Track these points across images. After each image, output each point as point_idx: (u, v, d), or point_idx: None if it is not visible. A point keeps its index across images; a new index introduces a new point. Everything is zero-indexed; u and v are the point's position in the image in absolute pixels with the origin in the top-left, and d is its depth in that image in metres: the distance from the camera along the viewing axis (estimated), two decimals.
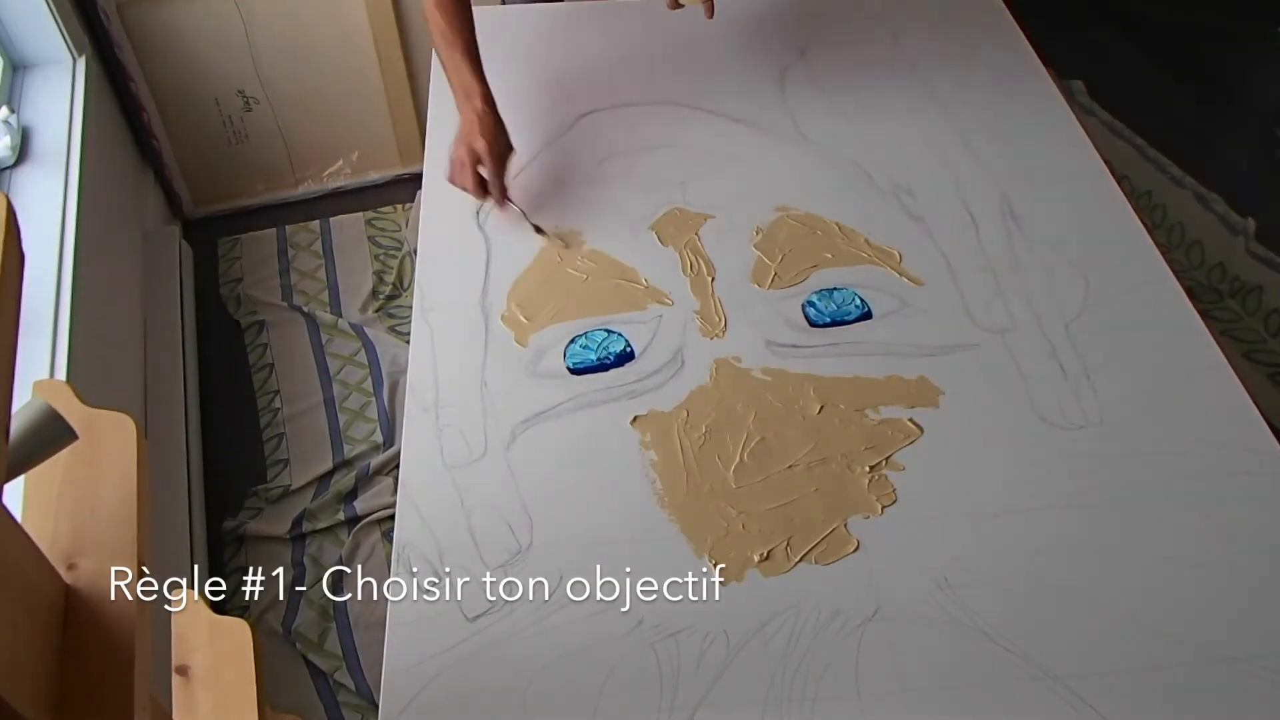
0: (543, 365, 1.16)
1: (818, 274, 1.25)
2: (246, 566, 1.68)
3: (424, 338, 1.19)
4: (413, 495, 1.05)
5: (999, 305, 1.21)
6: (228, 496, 1.77)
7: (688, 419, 1.11)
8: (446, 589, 0.98)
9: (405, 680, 0.92)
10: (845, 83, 1.52)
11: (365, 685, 1.53)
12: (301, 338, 2.01)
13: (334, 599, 1.62)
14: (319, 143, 2.27)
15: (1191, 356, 1.16)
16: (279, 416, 1.89)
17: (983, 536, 1.01)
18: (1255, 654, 0.92)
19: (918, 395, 1.12)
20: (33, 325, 1.30)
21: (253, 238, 2.23)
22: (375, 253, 2.18)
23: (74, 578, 0.63)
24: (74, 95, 1.68)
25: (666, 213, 1.32)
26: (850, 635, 0.94)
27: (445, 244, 1.30)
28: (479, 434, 1.10)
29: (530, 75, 1.54)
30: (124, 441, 0.69)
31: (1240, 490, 1.03)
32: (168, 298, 1.94)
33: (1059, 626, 0.94)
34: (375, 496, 1.74)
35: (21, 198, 1.48)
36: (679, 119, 1.46)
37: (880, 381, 1.13)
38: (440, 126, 1.45)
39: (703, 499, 1.04)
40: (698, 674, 0.92)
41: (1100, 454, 1.07)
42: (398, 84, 2.20)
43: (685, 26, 1.62)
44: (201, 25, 2.02)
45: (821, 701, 0.89)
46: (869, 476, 1.05)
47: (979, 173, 1.37)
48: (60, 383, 0.75)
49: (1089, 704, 0.89)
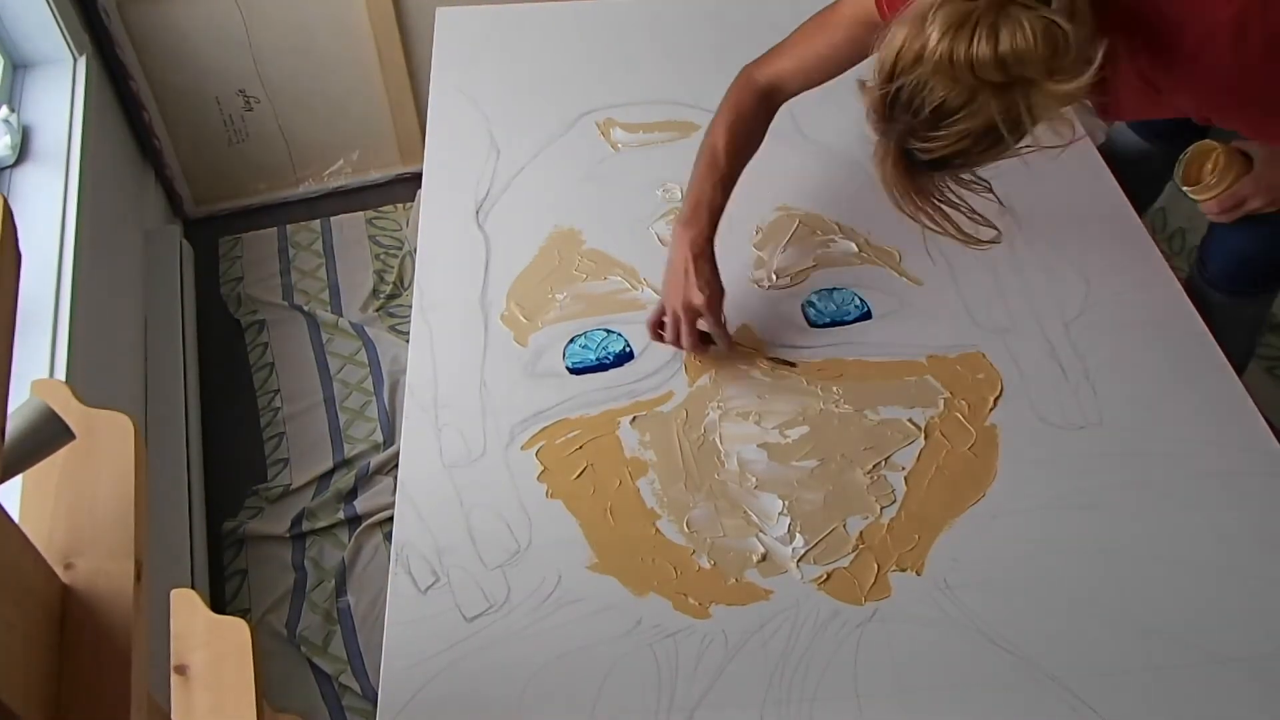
0: (542, 365, 1.16)
1: (818, 274, 1.24)
2: (247, 569, 1.68)
3: (423, 337, 1.19)
4: (411, 495, 1.05)
5: (999, 305, 1.21)
6: (228, 496, 1.77)
7: (687, 419, 1.11)
8: (445, 589, 0.98)
9: (404, 680, 0.92)
10: (845, 82, 1.51)
11: (370, 688, 1.53)
12: (302, 337, 2.01)
13: (337, 602, 1.62)
14: (320, 142, 2.27)
15: (1191, 356, 1.15)
16: (279, 415, 1.89)
17: (983, 536, 1.00)
18: (1255, 654, 0.92)
19: (917, 396, 1.12)
20: (32, 324, 1.30)
21: (253, 237, 2.23)
22: (376, 252, 2.18)
23: (71, 577, 0.63)
24: (74, 94, 1.68)
25: (666, 212, 1.32)
26: (849, 636, 0.94)
27: (445, 244, 1.30)
28: (478, 434, 1.10)
29: (530, 75, 1.54)
30: (122, 441, 0.69)
31: (1240, 490, 1.03)
32: (168, 297, 1.94)
33: (1059, 626, 0.94)
34: (375, 496, 1.74)
35: (21, 197, 1.48)
36: (679, 119, 1.46)
37: (880, 382, 1.13)
38: (441, 126, 1.45)
39: (699, 501, 1.04)
40: (696, 674, 0.91)
41: (1100, 454, 1.07)
42: (398, 83, 2.20)
43: (685, 26, 1.62)
44: (202, 24, 2.02)
45: (820, 702, 0.89)
46: (869, 476, 1.05)
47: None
48: (58, 382, 0.75)
49: (1088, 704, 0.89)
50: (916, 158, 0.88)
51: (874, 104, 0.87)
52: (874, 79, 0.86)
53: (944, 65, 0.79)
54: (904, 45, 0.82)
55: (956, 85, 0.80)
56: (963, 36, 0.78)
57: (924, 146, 0.85)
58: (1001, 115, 0.81)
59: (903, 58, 0.82)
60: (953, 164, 0.88)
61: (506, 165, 1.39)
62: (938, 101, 0.81)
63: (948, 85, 0.80)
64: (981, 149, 0.85)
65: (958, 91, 0.80)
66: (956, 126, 0.82)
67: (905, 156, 0.89)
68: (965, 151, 0.85)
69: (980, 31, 0.77)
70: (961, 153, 0.85)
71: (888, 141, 0.89)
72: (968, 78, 0.79)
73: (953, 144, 0.84)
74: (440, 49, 1.58)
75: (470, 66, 1.55)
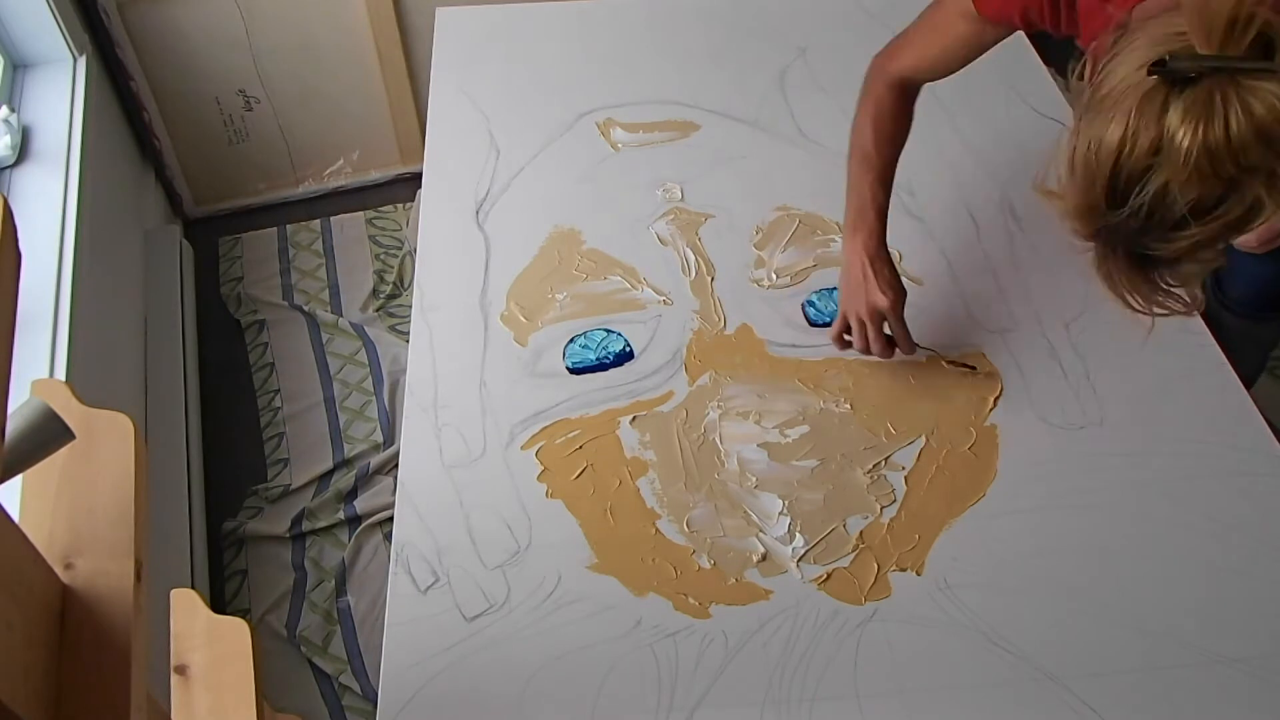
0: (542, 365, 1.16)
1: (818, 274, 1.24)
2: (247, 569, 1.68)
3: (423, 337, 1.19)
4: (411, 495, 1.05)
5: (999, 305, 1.21)
6: (228, 496, 1.77)
7: (687, 419, 1.11)
8: (445, 589, 0.98)
9: (403, 680, 0.92)
10: (845, 82, 1.51)
11: (370, 688, 1.53)
12: (302, 337, 2.01)
13: (337, 602, 1.62)
14: (320, 142, 2.27)
15: (1191, 356, 1.15)
16: (279, 415, 1.89)
17: (983, 536, 1.00)
18: (1255, 654, 0.92)
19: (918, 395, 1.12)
20: (32, 324, 1.30)
21: (253, 237, 2.22)
22: (376, 252, 2.18)
23: (71, 577, 0.63)
24: (74, 94, 1.68)
25: (666, 212, 1.32)
26: (849, 636, 0.94)
27: (445, 244, 1.30)
28: (478, 433, 1.10)
29: (530, 75, 1.54)
30: (122, 441, 0.69)
31: (1240, 490, 1.03)
32: (168, 297, 1.94)
33: (1059, 626, 0.94)
34: (375, 496, 1.74)
35: (21, 197, 1.48)
36: (679, 119, 1.46)
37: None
38: (441, 126, 1.45)
39: (698, 500, 1.04)
40: (696, 674, 0.91)
41: (1100, 454, 1.07)
42: (398, 83, 2.20)
43: (685, 26, 1.62)
44: (202, 24, 2.02)
45: (820, 702, 0.89)
46: (869, 476, 1.05)
47: (980, 172, 1.37)
48: (58, 382, 0.75)
49: (1088, 704, 0.89)
50: (1154, 257, 0.75)
51: (1083, 214, 0.75)
52: (1076, 187, 0.75)
53: (1200, 164, 0.68)
54: (1124, 149, 0.70)
55: (1214, 180, 0.69)
56: (1215, 125, 0.67)
57: (1169, 248, 0.73)
58: (1268, 191, 0.69)
59: (1128, 166, 0.71)
60: (1202, 252, 0.75)
61: (506, 165, 1.39)
62: (1190, 201, 0.70)
63: (1203, 183, 0.69)
64: (1240, 229, 0.73)
65: (1214, 186, 0.69)
66: (1216, 222, 0.71)
67: (1137, 258, 0.77)
68: (1222, 236, 0.73)
69: (1232, 114, 0.67)
70: (1218, 238, 0.73)
71: (1111, 249, 0.77)
72: (1229, 169, 0.68)
73: (1208, 237, 0.72)
74: (440, 49, 1.58)
75: (470, 66, 1.55)
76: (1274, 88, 0.67)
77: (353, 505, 1.73)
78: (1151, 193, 0.70)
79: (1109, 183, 0.72)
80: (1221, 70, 0.67)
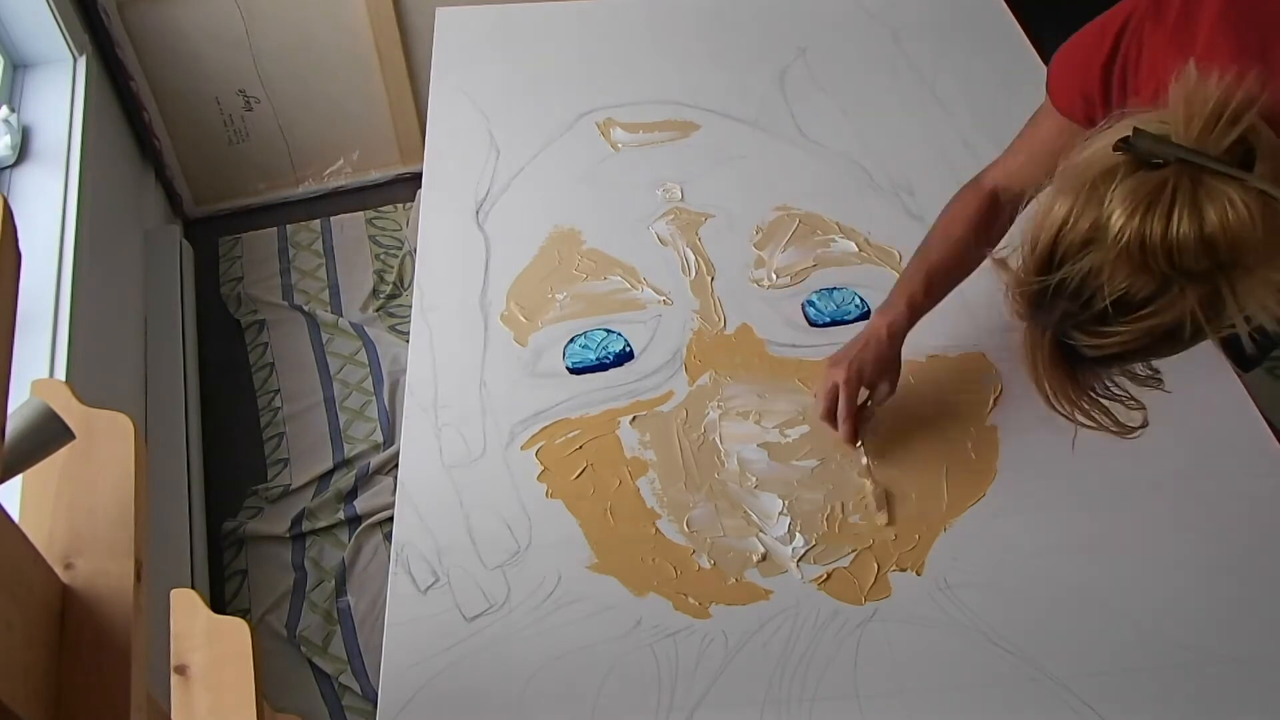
0: (542, 365, 1.16)
1: (818, 274, 1.24)
2: (247, 569, 1.68)
3: (423, 337, 1.19)
4: (411, 495, 1.05)
5: (999, 305, 1.21)
6: (228, 496, 1.77)
7: (687, 418, 1.11)
8: (445, 589, 0.98)
9: (403, 680, 0.92)
10: (845, 82, 1.51)
11: (370, 688, 1.53)
12: (302, 337, 2.01)
13: (337, 602, 1.62)
14: (320, 142, 2.27)
15: (1192, 356, 1.15)
16: (279, 415, 1.89)
17: (983, 536, 1.00)
18: (1255, 654, 0.92)
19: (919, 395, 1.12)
20: (32, 324, 1.30)
21: (253, 237, 2.23)
22: (376, 252, 2.18)
23: (71, 577, 0.63)
24: (74, 94, 1.68)
25: (666, 212, 1.32)
26: (849, 636, 0.94)
27: (445, 244, 1.30)
28: (478, 434, 1.10)
29: (530, 75, 1.54)
30: (122, 441, 0.69)
31: (1240, 490, 1.03)
32: (168, 297, 1.94)
33: (1058, 626, 0.94)
34: (375, 496, 1.74)
35: (21, 197, 1.48)
36: (679, 119, 1.46)
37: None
38: (441, 126, 1.45)
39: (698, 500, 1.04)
40: (696, 674, 0.91)
41: (1100, 454, 1.07)
42: (398, 83, 2.20)
43: (685, 26, 1.62)
44: (202, 24, 2.02)
45: (820, 702, 0.89)
46: (869, 477, 1.05)
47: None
48: (58, 382, 0.75)
49: (1088, 704, 0.89)
50: (1079, 352, 0.72)
51: (1021, 288, 0.73)
52: (1023, 258, 0.72)
53: (1131, 252, 0.64)
54: (1067, 223, 0.67)
55: (1145, 275, 0.65)
56: (1155, 216, 0.63)
57: (1093, 343, 0.70)
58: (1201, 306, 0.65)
59: (1067, 239, 0.68)
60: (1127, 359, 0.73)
61: (506, 165, 1.39)
62: (1118, 293, 0.66)
63: (1133, 274, 0.65)
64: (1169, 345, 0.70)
65: (1145, 281, 0.65)
66: (1142, 323, 0.67)
67: (1063, 349, 0.74)
68: (1148, 348, 0.70)
69: (1179, 210, 0.62)
70: (1143, 349, 0.70)
71: (1040, 331, 0.74)
72: (1161, 266, 0.64)
73: (1133, 340, 0.68)
74: (440, 49, 1.58)
75: (470, 66, 1.55)
76: (1236, 195, 0.62)
77: (353, 505, 1.73)
78: (1083, 271, 0.67)
79: (1049, 253, 0.70)
80: (1188, 163, 0.63)
